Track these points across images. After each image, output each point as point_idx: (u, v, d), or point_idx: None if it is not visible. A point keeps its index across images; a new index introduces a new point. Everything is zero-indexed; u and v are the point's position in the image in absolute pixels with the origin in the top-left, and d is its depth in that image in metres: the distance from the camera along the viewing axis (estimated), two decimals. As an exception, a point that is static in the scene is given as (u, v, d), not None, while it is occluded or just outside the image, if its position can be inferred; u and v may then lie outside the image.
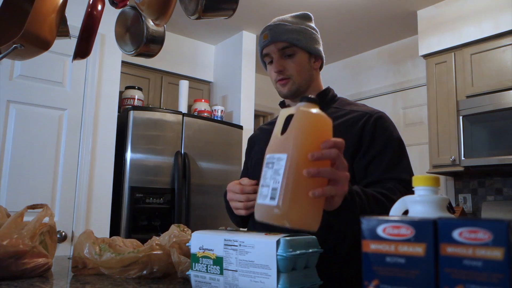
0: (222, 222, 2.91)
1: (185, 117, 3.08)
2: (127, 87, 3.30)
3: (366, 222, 0.52)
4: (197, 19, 1.20)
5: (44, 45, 1.23)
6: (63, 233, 2.53)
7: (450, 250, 0.46)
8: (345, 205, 0.81)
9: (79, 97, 2.72)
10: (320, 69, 1.31)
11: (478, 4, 2.94)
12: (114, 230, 2.73)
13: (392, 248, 0.50)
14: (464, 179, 3.24)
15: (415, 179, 0.64)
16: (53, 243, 1.10)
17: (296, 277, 0.78)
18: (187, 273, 0.89)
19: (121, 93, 3.20)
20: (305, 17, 1.29)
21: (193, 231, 0.95)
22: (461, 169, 2.88)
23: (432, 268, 0.47)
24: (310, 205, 0.68)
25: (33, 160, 2.50)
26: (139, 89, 3.33)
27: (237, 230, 1.09)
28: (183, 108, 3.43)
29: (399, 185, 1.04)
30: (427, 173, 3.03)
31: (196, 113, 3.46)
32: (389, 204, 0.98)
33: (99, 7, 1.40)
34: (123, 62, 3.08)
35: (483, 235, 0.44)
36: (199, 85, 3.91)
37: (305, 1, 3.12)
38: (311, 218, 0.69)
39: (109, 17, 1.61)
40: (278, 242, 0.75)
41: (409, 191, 0.92)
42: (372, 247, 0.51)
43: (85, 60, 1.99)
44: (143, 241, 1.13)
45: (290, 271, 0.76)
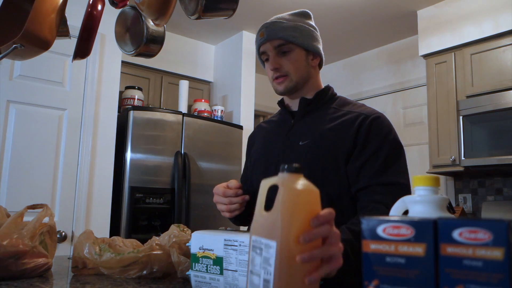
0: (222, 222, 2.91)
1: (185, 117, 3.08)
2: (127, 87, 3.30)
3: (366, 222, 0.52)
4: (197, 19, 1.20)
5: (44, 45, 1.23)
6: (63, 233, 2.53)
7: (450, 250, 0.46)
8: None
9: (79, 97, 2.72)
10: (320, 67, 1.29)
11: (478, 4, 2.94)
12: (114, 230, 2.73)
13: (392, 248, 0.50)
14: (464, 179, 3.24)
15: (415, 179, 0.64)
16: (53, 243, 1.10)
17: None
18: (187, 273, 0.89)
19: (121, 93, 3.20)
20: (304, 15, 1.27)
21: (193, 231, 0.95)
22: (461, 169, 2.88)
23: (432, 268, 0.47)
24: None
25: (33, 160, 2.50)
26: (139, 89, 3.33)
27: (237, 230, 1.09)
28: (183, 108, 3.43)
29: (387, 193, 1.02)
30: (427, 173, 3.03)
31: (196, 113, 3.46)
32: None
33: (99, 7, 1.40)
34: (123, 62, 3.08)
35: (483, 235, 0.44)
36: (199, 85, 3.91)
37: (305, 1, 3.12)
38: None
39: (109, 17, 1.61)
40: None
41: (399, 195, 0.86)
42: (372, 247, 0.51)
43: (85, 60, 1.99)
44: (143, 241, 1.13)
45: None
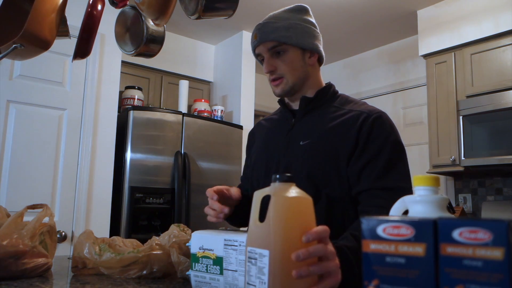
0: (222, 222, 2.90)
1: (185, 117, 3.08)
2: (127, 87, 3.30)
3: (366, 222, 0.52)
4: (197, 19, 1.20)
5: (44, 45, 1.23)
6: (63, 233, 2.52)
7: (450, 250, 0.46)
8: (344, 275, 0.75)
9: (79, 97, 2.72)
10: (320, 63, 1.25)
11: (478, 4, 2.94)
12: (114, 230, 2.72)
13: (392, 248, 0.50)
14: (464, 179, 3.24)
15: (415, 179, 0.64)
16: (53, 243, 1.10)
17: None
18: (187, 273, 0.89)
19: (121, 93, 3.19)
20: (299, 10, 1.23)
21: (193, 231, 0.95)
22: (461, 169, 2.88)
23: (432, 268, 0.47)
24: None
25: (33, 160, 2.50)
26: (139, 89, 3.33)
27: (237, 230, 1.09)
28: (183, 108, 3.43)
29: (388, 197, 0.97)
30: (427, 173, 3.03)
31: (196, 113, 3.46)
32: None
33: (99, 7, 1.40)
34: (123, 62, 3.08)
35: (483, 235, 0.44)
36: (199, 85, 3.91)
37: (305, 1, 3.11)
38: None
39: (109, 17, 1.61)
40: None
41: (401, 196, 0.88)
42: (372, 247, 0.51)
43: (85, 60, 1.99)
44: (143, 241, 1.13)
45: None
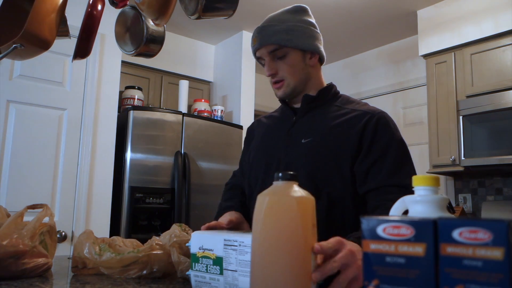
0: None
1: (185, 117, 3.08)
2: (127, 87, 3.30)
3: (366, 222, 0.52)
4: (197, 19, 1.20)
5: (44, 45, 1.23)
6: (63, 233, 2.52)
7: (450, 250, 0.46)
8: None
9: (79, 97, 2.72)
10: (321, 63, 1.26)
11: (478, 4, 2.94)
12: (114, 230, 2.73)
13: (392, 248, 0.50)
14: (464, 179, 3.24)
15: (415, 179, 0.64)
16: (53, 243, 1.10)
17: None
18: (187, 273, 0.88)
19: (121, 93, 3.20)
20: (298, 11, 1.23)
21: (193, 231, 0.95)
22: (461, 169, 2.88)
23: (432, 268, 0.47)
24: None
25: (33, 160, 2.50)
26: (139, 89, 3.33)
27: (237, 230, 1.09)
28: (183, 108, 3.43)
29: (400, 194, 1.00)
30: (427, 173, 3.03)
31: (196, 113, 3.46)
32: None
33: (99, 7, 1.40)
34: (123, 62, 3.08)
35: (483, 235, 0.44)
36: (199, 85, 3.91)
37: (305, 1, 3.11)
38: None
39: (109, 17, 1.61)
40: None
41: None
42: (372, 247, 0.51)
43: (85, 60, 1.99)
44: (143, 241, 1.13)
45: None
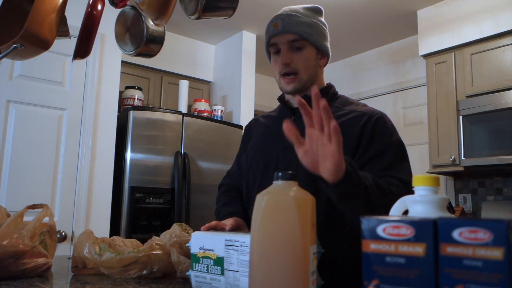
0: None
1: (185, 117, 3.08)
2: (127, 87, 3.30)
3: (366, 222, 0.52)
4: (197, 19, 1.20)
5: (44, 45, 1.23)
6: (63, 233, 2.52)
7: (450, 250, 0.46)
8: (347, 177, 0.84)
9: (79, 97, 2.72)
10: (324, 65, 1.29)
11: (478, 4, 2.94)
12: (114, 230, 2.72)
13: (392, 248, 0.50)
14: (464, 179, 3.24)
15: (415, 179, 0.64)
16: (53, 243, 1.10)
17: None
18: (187, 273, 0.88)
19: (121, 93, 3.19)
20: (317, 11, 1.26)
21: (193, 231, 0.95)
22: (461, 169, 2.88)
23: (432, 268, 0.47)
24: None
25: (33, 160, 2.50)
26: (139, 89, 3.33)
27: (238, 230, 1.09)
28: (183, 108, 3.43)
29: (399, 183, 1.02)
30: (427, 173, 3.03)
31: (196, 113, 3.46)
32: (388, 190, 0.97)
33: (99, 7, 1.40)
34: (123, 62, 3.08)
35: (483, 235, 0.44)
36: (199, 85, 3.91)
37: (305, 1, 3.11)
38: None
39: (109, 17, 1.61)
40: None
41: (409, 191, 0.92)
42: (372, 247, 0.51)
43: (85, 60, 1.99)
44: (143, 241, 1.13)
45: None
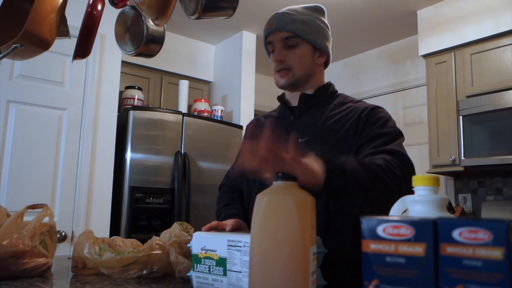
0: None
1: (185, 117, 3.08)
2: (127, 87, 3.30)
3: (366, 222, 0.52)
4: (197, 19, 1.20)
5: (44, 45, 1.23)
6: (63, 233, 2.52)
7: (450, 250, 0.46)
8: (330, 172, 0.84)
9: (79, 97, 2.72)
10: (325, 66, 1.29)
11: (478, 4, 2.94)
12: (114, 230, 2.72)
13: (392, 248, 0.50)
14: (464, 179, 3.24)
15: (415, 179, 0.64)
16: (53, 243, 1.10)
17: None
18: (188, 274, 0.88)
19: (121, 93, 3.19)
20: (317, 10, 1.26)
21: (194, 230, 0.95)
22: (461, 169, 2.88)
23: (432, 268, 0.47)
24: None
25: (33, 160, 2.50)
26: (139, 89, 3.33)
27: (238, 231, 1.08)
28: (183, 108, 3.43)
29: (386, 155, 1.00)
30: (427, 173, 3.03)
31: (196, 113, 3.45)
32: (377, 167, 0.96)
33: (99, 7, 1.40)
34: (123, 62, 3.08)
35: (483, 235, 0.44)
36: (199, 85, 3.91)
37: (305, 1, 3.11)
38: None
39: (109, 17, 1.61)
40: None
41: (401, 159, 0.99)
42: (372, 247, 0.51)
43: (85, 60, 1.98)
44: (143, 241, 1.13)
45: None
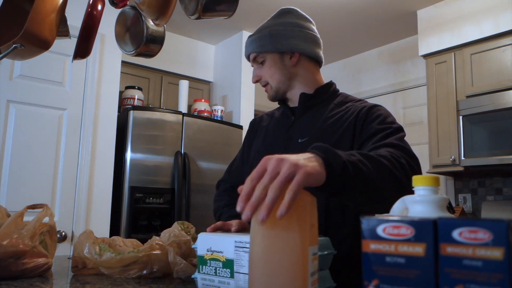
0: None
1: (185, 117, 3.08)
2: (127, 87, 3.30)
3: (366, 222, 0.52)
4: (197, 19, 1.20)
5: (44, 45, 1.23)
6: (63, 233, 2.52)
7: (450, 250, 0.46)
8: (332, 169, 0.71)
9: (79, 97, 2.72)
10: (317, 61, 1.26)
11: (478, 4, 2.94)
12: (114, 230, 2.72)
13: (392, 248, 0.50)
14: (464, 179, 3.24)
15: (415, 179, 0.64)
16: (53, 243, 1.10)
17: None
18: (193, 276, 0.86)
19: (121, 93, 3.19)
20: (281, 14, 1.26)
21: (195, 229, 0.94)
22: (461, 169, 2.88)
23: (432, 268, 0.47)
24: None
25: (33, 160, 2.50)
26: (139, 89, 3.33)
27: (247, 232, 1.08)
28: (183, 108, 3.43)
29: (389, 148, 0.98)
30: (427, 173, 3.03)
31: (196, 113, 3.45)
32: (381, 158, 0.90)
33: (99, 7, 1.40)
34: (123, 62, 3.08)
35: (483, 235, 0.44)
36: (199, 85, 3.91)
37: (305, 1, 3.11)
38: None
39: (109, 17, 1.61)
40: None
41: (404, 151, 0.98)
42: (372, 247, 0.51)
43: (85, 60, 1.99)
44: (143, 241, 1.13)
45: None
